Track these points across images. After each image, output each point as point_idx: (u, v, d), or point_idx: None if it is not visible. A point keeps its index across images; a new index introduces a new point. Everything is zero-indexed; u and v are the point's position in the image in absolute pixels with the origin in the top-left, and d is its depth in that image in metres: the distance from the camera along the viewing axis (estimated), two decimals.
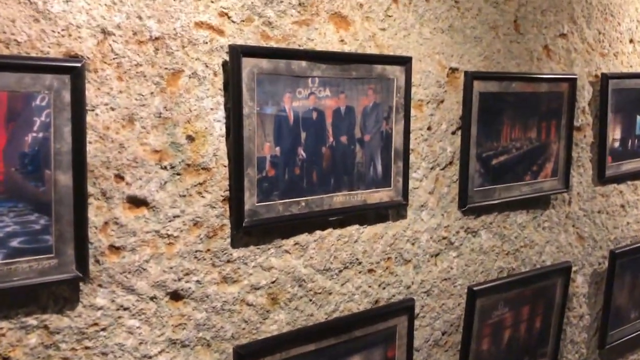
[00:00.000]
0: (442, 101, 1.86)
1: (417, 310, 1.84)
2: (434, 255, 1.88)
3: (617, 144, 2.51)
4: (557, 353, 2.28)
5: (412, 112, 1.78)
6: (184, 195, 1.35)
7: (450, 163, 1.91)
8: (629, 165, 2.59)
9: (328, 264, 1.62)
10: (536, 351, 2.20)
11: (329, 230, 1.61)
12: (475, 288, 1.90)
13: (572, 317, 2.41)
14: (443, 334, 1.93)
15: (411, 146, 1.79)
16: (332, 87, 1.55)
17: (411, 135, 1.78)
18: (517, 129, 2.04)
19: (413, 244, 1.82)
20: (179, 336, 1.37)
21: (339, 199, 1.60)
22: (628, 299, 2.62)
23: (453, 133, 1.90)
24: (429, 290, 1.88)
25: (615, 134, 2.49)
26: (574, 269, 2.38)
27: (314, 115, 1.53)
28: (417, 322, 1.85)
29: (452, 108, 1.89)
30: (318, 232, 1.59)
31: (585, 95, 2.36)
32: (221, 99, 1.39)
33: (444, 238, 1.90)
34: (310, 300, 1.59)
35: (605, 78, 2.38)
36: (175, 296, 1.36)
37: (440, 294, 1.91)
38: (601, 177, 2.44)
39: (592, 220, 2.45)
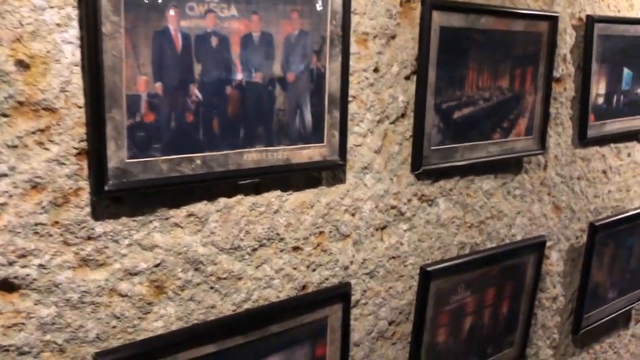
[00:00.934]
0: (393, 37, 1.48)
1: (357, 296, 1.49)
2: (379, 228, 1.52)
3: (600, 100, 2.17)
4: (526, 341, 1.97)
5: (354, 47, 1.39)
6: (15, 146, 0.96)
7: (403, 115, 1.54)
8: (613, 125, 2.25)
9: (237, 241, 1.25)
10: (502, 340, 1.88)
11: (239, 197, 1.24)
12: (429, 268, 1.55)
13: (544, 299, 2.09)
14: (390, 323, 1.59)
15: (352, 92, 1.41)
16: (241, 5, 1.15)
17: (352, 77, 1.40)
18: (485, 75, 1.67)
19: (353, 214, 1.46)
20: (14, 340, 0.99)
21: (252, 156, 1.22)
22: (607, 277, 2.31)
23: (407, 78, 1.53)
24: (373, 272, 1.52)
25: (599, 89, 2.15)
26: (548, 244, 2.05)
27: (214, 42, 1.13)
28: (356, 311, 1.50)
29: (406, 46, 1.51)
30: (222, 200, 1.22)
31: (567, 40, 2.00)
32: (73, 12, 0.99)
33: (393, 207, 1.55)
34: (212, 287, 1.22)
35: (591, 21, 2.02)
36: (6, 286, 0.98)
37: (386, 275, 1.56)
38: (582, 138, 2.11)
39: (571, 187, 2.12)
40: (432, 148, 1.58)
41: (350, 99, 1.41)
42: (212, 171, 1.16)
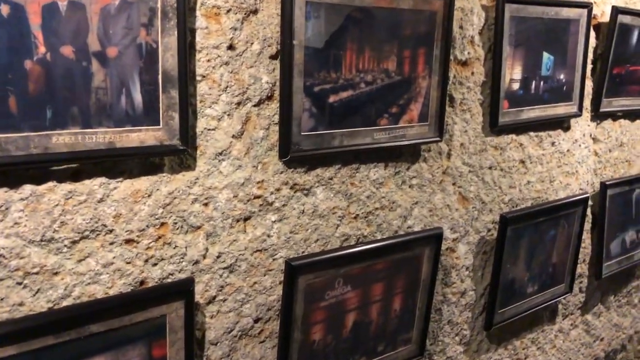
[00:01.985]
0: (254, 12, 1.36)
1: (212, 293, 1.39)
2: (241, 219, 1.42)
3: (516, 86, 2.06)
4: (425, 337, 1.87)
5: (202, 21, 1.28)
6: None
7: (270, 98, 1.43)
8: (532, 113, 2.15)
9: (50, 233, 1.13)
10: (396, 338, 1.78)
11: (50, 184, 1.12)
12: (295, 263, 1.44)
13: (450, 294, 1.99)
14: (256, 321, 1.49)
15: (201, 71, 1.30)
16: None
17: (200, 55, 1.29)
18: (367, 56, 1.56)
19: (206, 204, 1.35)
20: None
21: (64, 139, 1.11)
22: (525, 271, 2.22)
23: (273, 57, 1.42)
24: (233, 266, 1.42)
25: (514, 74, 2.04)
26: (454, 236, 1.95)
27: (4, 10, 1.01)
28: (213, 308, 1.40)
29: (270, 22, 1.40)
30: (29, 187, 1.10)
31: (475, 21, 1.89)
32: None
33: (258, 197, 1.44)
34: (19, 283, 1.11)
35: (502, 1, 1.91)
36: None
37: (250, 270, 1.45)
38: (494, 125, 2.00)
39: (481, 177, 2.01)
40: (304, 134, 1.47)
41: (198, 78, 1.30)
42: (9, 155, 1.05)
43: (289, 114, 1.43)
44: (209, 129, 1.33)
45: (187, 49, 1.24)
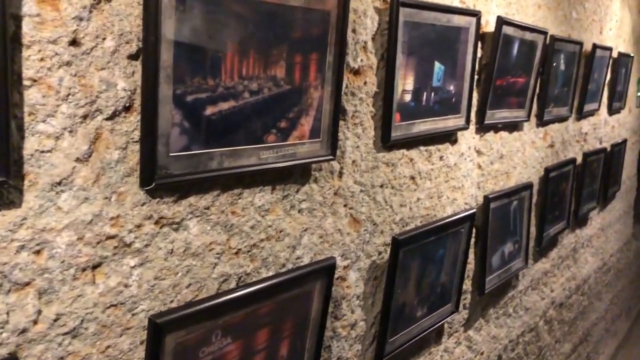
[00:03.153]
0: None
1: None
2: (87, 267, 1.08)
3: (408, 97, 1.90)
4: None
5: (31, 7, 0.94)
6: None
7: (128, 109, 1.11)
8: (423, 126, 2.00)
9: None
10: None
11: None
12: (160, 320, 1.14)
13: (340, 328, 1.79)
14: None
15: (31, 73, 0.95)
16: None
17: (28, 51, 0.94)
18: (252, 60, 1.29)
19: (38, 252, 1.00)
20: None
21: None
22: (415, 294, 2.08)
23: (132, 57, 1.10)
24: (77, 329, 1.08)
25: (406, 84, 1.87)
26: (344, 263, 1.75)
27: None
28: None
29: (128, 12, 1.08)
30: None
31: (368, 24, 1.69)
32: None
33: (112, 237, 1.11)
34: None
35: (396, 4, 1.73)
36: None
37: (102, 331, 1.12)
38: (386, 141, 1.82)
39: (373, 197, 1.83)
40: (173, 154, 1.17)
41: (27, 82, 0.95)
42: None
43: (153, 129, 1.12)
44: (42, 151, 0.99)
45: (6, 42, 0.89)
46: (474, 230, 2.49)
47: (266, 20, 1.29)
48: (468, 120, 2.24)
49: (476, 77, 2.35)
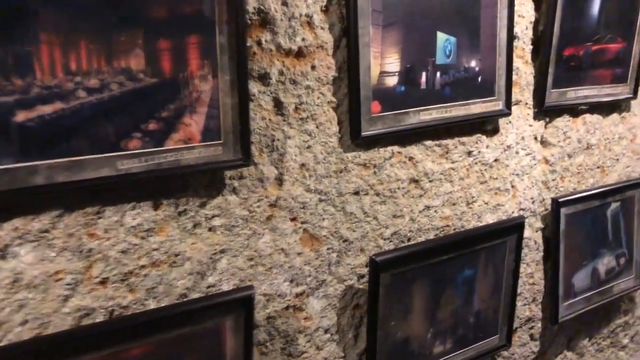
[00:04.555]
0: None
1: None
2: None
3: (392, 81, 1.50)
4: None
5: None
6: None
7: None
8: (425, 116, 1.58)
9: None
10: None
11: None
12: None
13: None
14: None
15: None
16: None
17: None
18: (84, 51, 1.06)
19: None
20: None
21: None
22: (426, 326, 1.67)
23: None
24: None
25: (386, 64, 1.48)
26: (297, 290, 1.43)
27: None
28: None
29: None
30: None
31: None
32: None
33: None
34: None
35: None
36: None
37: None
38: (355, 137, 1.46)
39: (341, 207, 1.48)
40: None
41: None
42: None
43: None
44: None
45: None
46: (538, 243, 1.97)
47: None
48: (509, 104, 1.74)
49: (529, 47, 1.83)
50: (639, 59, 2.13)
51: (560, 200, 1.94)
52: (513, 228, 1.78)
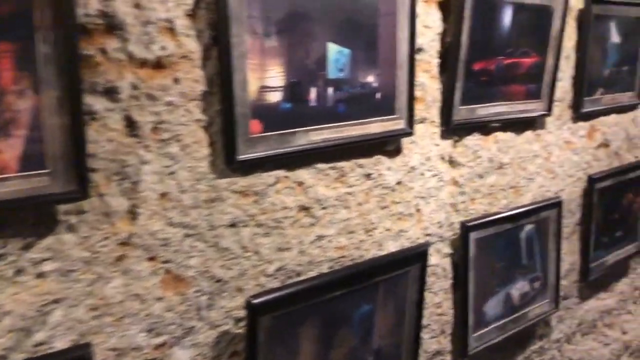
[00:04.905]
0: None
1: None
2: None
3: (276, 97, 1.32)
4: None
5: None
6: None
7: None
8: (316, 136, 1.41)
9: None
10: None
11: None
12: None
13: None
14: None
15: None
16: None
17: None
18: None
19: None
20: None
21: None
22: None
23: None
24: None
25: (267, 79, 1.30)
26: (158, 341, 1.23)
27: None
28: None
29: None
30: None
31: None
32: None
33: None
34: None
35: None
36: None
37: None
38: (231, 161, 1.26)
39: (213, 242, 1.28)
40: None
41: None
42: None
43: None
44: None
45: None
46: (451, 270, 1.83)
47: None
48: (411, 123, 1.59)
49: (436, 60, 1.69)
50: (552, 74, 2.04)
51: (469, 224, 1.81)
52: (416, 257, 1.63)
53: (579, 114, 2.26)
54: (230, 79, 1.22)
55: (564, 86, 2.19)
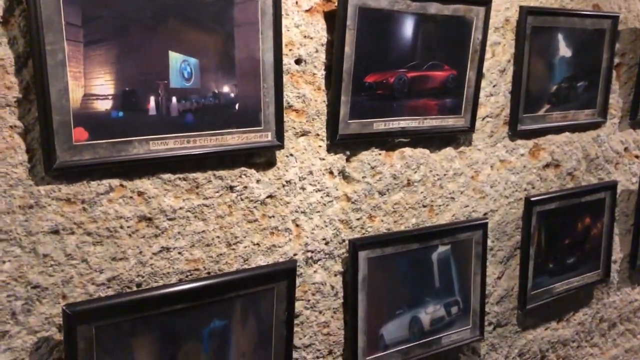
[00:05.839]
0: None
1: None
2: None
3: (105, 105, 1.31)
4: None
5: None
6: None
7: None
8: (157, 145, 1.39)
9: None
10: None
11: None
12: None
13: None
14: None
15: None
16: None
17: None
18: None
19: None
20: None
21: None
22: None
23: None
24: None
25: (93, 87, 1.29)
26: None
27: None
28: None
29: None
30: None
31: None
32: None
33: None
34: None
35: None
36: None
37: None
38: (48, 168, 1.27)
39: (31, 249, 1.28)
40: None
41: None
42: None
43: None
44: None
45: None
46: (341, 289, 1.77)
47: None
48: (280, 135, 1.55)
49: (321, 72, 1.64)
50: (475, 88, 1.93)
51: (359, 243, 1.74)
52: (282, 273, 1.58)
53: (516, 132, 2.13)
54: (44, 86, 1.22)
55: (499, 101, 2.08)
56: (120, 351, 1.38)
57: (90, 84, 1.29)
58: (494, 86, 2.05)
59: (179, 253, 1.48)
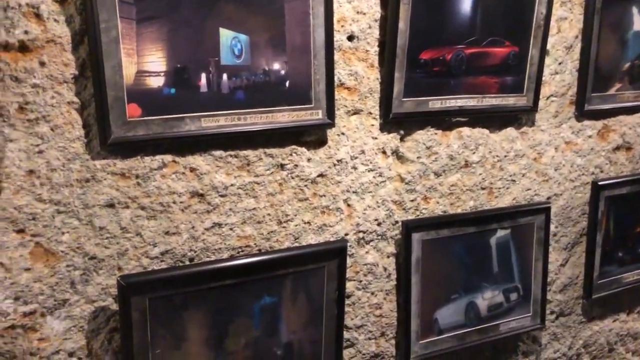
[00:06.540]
0: None
1: None
2: None
3: (157, 82, 1.35)
4: None
5: None
6: None
7: None
8: (211, 123, 1.41)
9: None
10: None
11: None
12: None
13: None
14: None
15: None
16: None
17: None
18: None
19: None
20: None
21: None
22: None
23: None
24: None
25: (145, 63, 1.32)
26: (25, 309, 1.30)
27: None
28: None
29: None
30: None
31: None
32: None
33: None
34: None
35: None
36: None
37: None
38: (104, 142, 1.30)
39: (87, 221, 1.33)
40: None
41: None
42: None
43: None
44: None
45: None
46: (394, 272, 1.75)
47: None
48: (331, 113, 1.53)
49: (376, 49, 1.61)
50: (537, 65, 1.84)
51: (412, 224, 1.71)
52: (332, 252, 1.57)
53: (583, 112, 2.02)
54: (100, 63, 1.26)
55: (565, 80, 1.97)
56: (173, 323, 1.41)
57: (143, 61, 1.31)
58: (559, 64, 1.95)
59: (231, 229, 1.49)
